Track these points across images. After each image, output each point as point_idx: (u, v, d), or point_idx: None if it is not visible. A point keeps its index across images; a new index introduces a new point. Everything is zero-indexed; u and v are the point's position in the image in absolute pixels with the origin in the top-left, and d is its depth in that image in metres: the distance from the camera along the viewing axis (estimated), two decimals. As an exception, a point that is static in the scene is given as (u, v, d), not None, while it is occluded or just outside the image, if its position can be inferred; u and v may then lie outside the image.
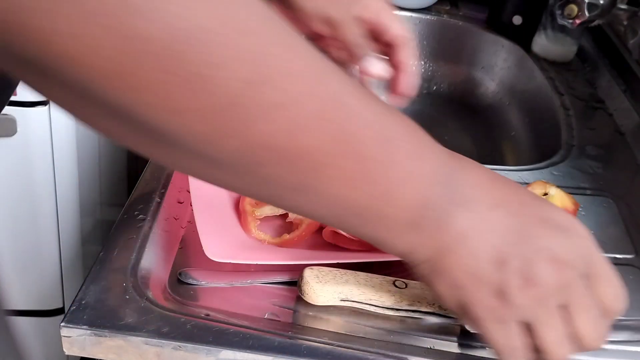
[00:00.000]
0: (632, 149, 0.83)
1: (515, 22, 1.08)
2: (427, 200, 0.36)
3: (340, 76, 0.33)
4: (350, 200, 0.34)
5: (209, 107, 0.28)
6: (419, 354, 0.49)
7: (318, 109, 0.31)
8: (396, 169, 0.35)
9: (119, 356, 0.48)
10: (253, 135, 0.30)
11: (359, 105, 0.33)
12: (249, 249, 0.54)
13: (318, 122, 0.31)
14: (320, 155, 0.32)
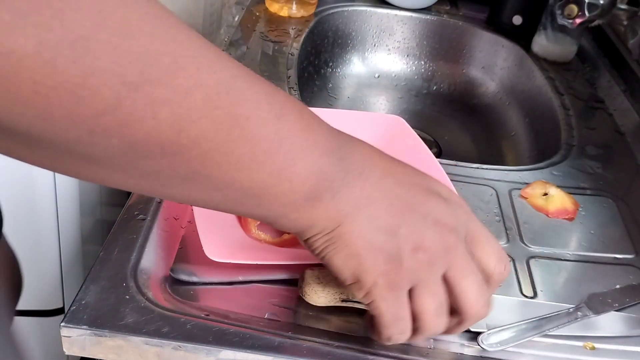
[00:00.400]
0: (632, 149, 0.83)
1: (515, 22, 1.08)
2: (322, 172, 0.36)
3: (229, 62, 0.33)
4: (244, 182, 0.34)
5: (84, 114, 0.27)
6: (419, 354, 0.50)
7: (205, 99, 0.30)
8: (289, 145, 0.34)
9: (119, 356, 0.48)
10: (136, 133, 0.29)
11: (248, 88, 0.33)
12: (249, 249, 0.54)
13: (206, 111, 0.31)
14: (210, 143, 0.31)
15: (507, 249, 0.62)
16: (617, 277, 0.60)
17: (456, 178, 0.70)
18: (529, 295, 0.57)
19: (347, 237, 0.38)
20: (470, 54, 1.12)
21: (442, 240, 0.39)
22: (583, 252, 0.63)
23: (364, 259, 0.38)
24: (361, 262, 0.38)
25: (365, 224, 0.37)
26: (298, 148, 0.35)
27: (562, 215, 0.67)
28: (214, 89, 0.31)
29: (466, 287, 0.40)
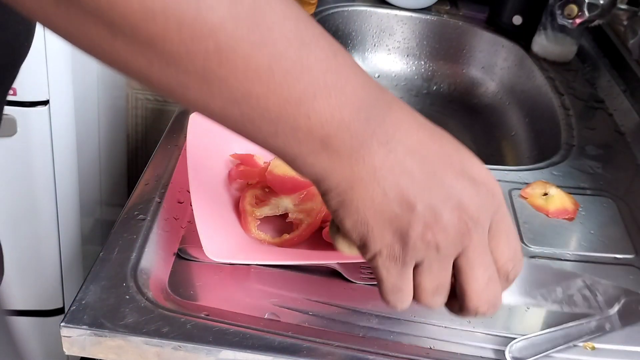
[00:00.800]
0: (632, 149, 0.83)
1: (515, 22, 1.08)
2: (344, 122, 0.34)
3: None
4: (261, 100, 0.33)
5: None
6: (419, 354, 0.50)
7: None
8: (311, 77, 0.33)
9: (119, 356, 0.48)
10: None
11: (280, 2, 0.32)
12: (249, 249, 0.54)
13: (226, 2, 0.30)
14: (226, 38, 0.30)
15: (507, 249, 0.62)
16: (617, 277, 0.60)
17: (456, 178, 0.70)
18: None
19: (358, 204, 0.36)
20: (470, 54, 1.12)
21: (457, 227, 0.37)
22: (583, 252, 0.63)
23: (371, 228, 0.37)
24: (369, 231, 0.37)
25: (380, 194, 0.36)
26: (321, 85, 0.33)
27: (562, 215, 0.67)
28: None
29: (471, 278, 0.39)
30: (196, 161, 0.60)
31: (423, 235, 0.37)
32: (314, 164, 0.36)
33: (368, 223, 0.37)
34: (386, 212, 0.36)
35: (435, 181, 0.37)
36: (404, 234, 0.37)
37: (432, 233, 0.37)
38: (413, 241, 0.37)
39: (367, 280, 0.55)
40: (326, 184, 0.37)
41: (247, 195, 0.59)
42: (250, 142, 0.36)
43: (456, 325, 0.52)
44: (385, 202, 0.36)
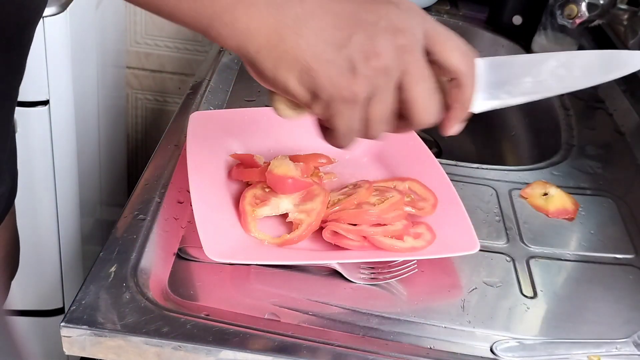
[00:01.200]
0: (632, 149, 0.83)
1: (515, 22, 1.08)
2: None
3: None
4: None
5: None
6: (419, 354, 0.50)
7: None
8: None
9: (119, 356, 0.48)
10: None
11: None
12: (249, 249, 0.54)
13: None
14: None
15: (507, 249, 0.62)
16: (617, 277, 0.60)
17: (456, 178, 0.70)
18: (529, 295, 0.57)
19: (295, 51, 0.36)
20: (470, 54, 1.12)
21: (395, 45, 0.37)
22: (583, 252, 0.63)
23: (316, 73, 0.36)
24: (315, 77, 0.37)
25: (312, 36, 0.36)
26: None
27: (562, 215, 0.67)
28: None
29: (417, 94, 0.39)
30: (196, 161, 0.60)
31: (367, 63, 0.37)
32: (233, 22, 0.35)
33: (311, 68, 0.36)
34: (324, 53, 0.36)
35: (358, 12, 0.37)
36: (350, 68, 0.37)
37: (376, 58, 0.37)
38: (361, 71, 0.37)
39: (367, 280, 0.55)
40: (255, 44, 0.36)
41: (247, 195, 0.59)
42: (166, 18, 0.36)
43: (456, 325, 0.53)
44: (319, 42, 0.36)
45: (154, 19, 1.27)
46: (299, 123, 0.70)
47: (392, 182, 0.64)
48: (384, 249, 0.55)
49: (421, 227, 0.58)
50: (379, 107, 0.39)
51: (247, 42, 0.36)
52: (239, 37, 0.36)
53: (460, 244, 0.56)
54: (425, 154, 0.67)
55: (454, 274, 0.57)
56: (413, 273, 0.56)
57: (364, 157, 0.70)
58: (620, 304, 0.57)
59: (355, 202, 0.58)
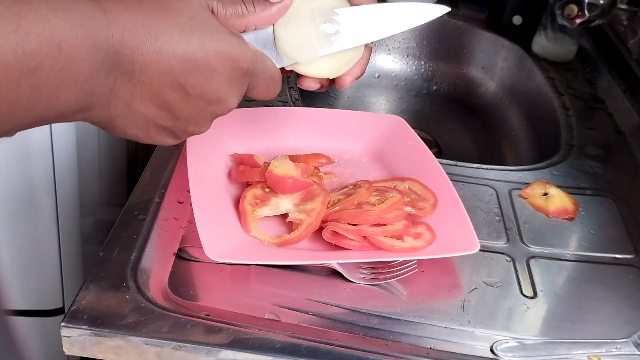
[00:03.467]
0: (632, 149, 0.83)
1: (515, 22, 1.08)
2: (89, 92, 0.38)
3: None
4: (18, 113, 0.36)
5: None
6: (419, 354, 0.50)
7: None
8: (49, 88, 0.36)
9: (119, 356, 0.48)
10: None
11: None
12: (249, 249, 0.54)
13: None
14: None
15: (507, 249, 0.62)
16: (617, 277, 0.60)
17: (456, 178, 0.70)
18: (529, 295, 0.57)
19: (123, 127, 0.42)
20: (470, 54, 1.12)
21: (216, 116, 0.46)
22: (583, 252, 0.63)
23: (140, 137, 0.44)
24: (139, 138, 0.44)
25: (140, 119, 0.42)
26: (59, 85, 0.36)
27: (562, 215, 0.67)
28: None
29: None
30: (196, 161, 0.60)
31: (189, 133, 0.46)
32: (72, 120, 0.40)
33: (137, 136, 0.43)
34: (152, 127, 0.43)
35: (186, 94, 0.42)
36: (174, 135, 0.45)
37: (197, 130, 0.46)
38: (181, 136, 0.46)
39: (367, 280, 0.55)
40: (88, 121, 0.41)
41: (247, 195, 0.59)
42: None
43: (456, 325, 0.53)
44: (147, 122, 0.43)
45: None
46: (299, 124, 0.71)
47: (392, 182, 0.64)
48: (384, 249, 0.55)
49: (421, 227, 0.58)
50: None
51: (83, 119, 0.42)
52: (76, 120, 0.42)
53: (460, 244, 0.56)
54: (425, 154, 0.67)
55: (454, 274, 0.57)
56: (413, 273, 0.56)
57: (364, 157, 0.70)
58: (620, 304, 0.57)
59: (355, 202, 0.58)
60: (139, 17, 0.39)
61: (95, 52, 0.37)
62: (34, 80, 0.35)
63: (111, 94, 0.40)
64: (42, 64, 0.35)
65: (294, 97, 0.83)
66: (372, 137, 0.71)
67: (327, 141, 0.70)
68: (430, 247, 0.56)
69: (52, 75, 0.36)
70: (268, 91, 0.47)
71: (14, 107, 0.35)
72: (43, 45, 0.35)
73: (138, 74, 0.40)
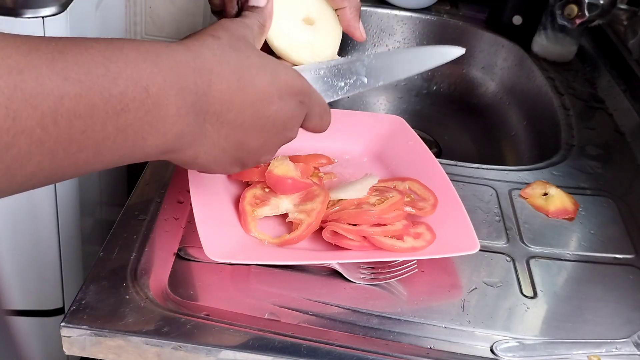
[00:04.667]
0: (632, 149, 0.83)
1: (515, 22, 1.08)
2: (178, 134, 0.40)
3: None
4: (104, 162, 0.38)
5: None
6: (419, 354, 0.50)
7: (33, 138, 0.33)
8: (134, 132, 0.37)
9: (119, 356, 0.48)
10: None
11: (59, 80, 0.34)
12: (249, 249, 0.54)
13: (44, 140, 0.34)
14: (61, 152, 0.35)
15: (507, 249, 0.62)
16: (617, 277, 0.60)
17: (456, 178, 0.70)
18: (529, 295, 0.57)
19: (201, 161, 0.44)
20: (470, 54, 1.12)
21: (283, 143, 0.48)
22: (583, 252, 0.63)
23: (212, 170, 0.46)
24: (210, 171, 0.46)
25: (220, 153, 0.44)
26: (146, 127, 0.37)
27: (562, 215, 0.67)
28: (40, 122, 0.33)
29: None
30: (196, 161, 0.60)
31: (258, 162, 0.48)
32: (156, 159, 0.42)
33: (211, 168, 0.45)
34: (226, 159, 0.45)
35: (262, 124, 0.44)
36: (243, 165, 0.47)
37: (264, 158, 0.48)
38: (250, 166, 0.48)
39: (367, 280, 0.55)
40: (172, 161, 0.43)
41: (247, 195, 0.59)
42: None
43: (456, 325, 0.53)
44: (225, 156, 0.45)
45: (154, 19, 1.27)
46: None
47: (392, 182, 0.64)
48: (384, 249, 0.55)
49: (421, 227, 0.58)
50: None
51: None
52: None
53: (460, 244, 0.56)
54: (425, 154, 0.67)
55: (454, 274, 0.57)
56: (413, 273, 0.56)
57: (364, 157, 0.70)
58: (620, 304, 0.57)
59: (355, 202, 0.58)
60: (223, 59, 0.41)
61: (184, 96, 0.39)
62: (119, 122, 0.36)
63: (201, 134, 0.41)
64: (129, 107, 0.36)
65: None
66: (372, 137, 0.71)
67: (327, 141, 0.70)
68: (430, 247, 0.56)
69: (138, 117, 0.37)
70: (322, 122, 0.50)
71: (100, 148, 0.36)
72: (130, 88, 0.36)
73: (225, 113, 0.42)
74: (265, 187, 0.60)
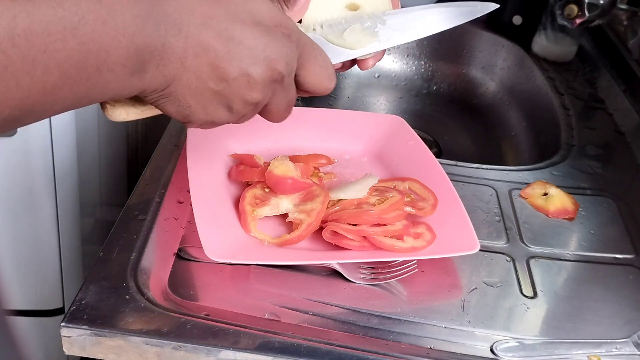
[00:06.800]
0: (632, 149, 0.83)
1: (515, 22, 1.08)
2: (140, 46, 0.37)
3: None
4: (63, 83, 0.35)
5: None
6: (419, 354, 0.50)
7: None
8: (91, 34, 0.35)
9: (119, 356, 0.48)
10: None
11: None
12: (249, 249, 0.54)
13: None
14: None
15: (507, 249, 0.62)
16: (617, 277, 0.60)
17: (456, 178, 0.70)
18: (529, 295, 0.57)
19: (178, 95, 0.40)
20: (470, 54, 1.12)
21: (269, 78, 0.41)
22: (583, 252, 0.63)
23: (194, 109, 0.41)
24: (192, 112, 0.41)
25: (193, 80, 0.39)
26: (106, 39, 0.35)
27: (562, 215, 0.67)
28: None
29: (275, 108, 0.44)
30: (196, 161, 0.60)
31: (244, 100, 0.42)
32: (130, 91, 0.39)
33: (191, 106, 0.41)
34: (205, 92, 0.40)
35: (235, 46, 0.40)
36: (228, 105, 0.42)
37: (249, 95, 0.41)
38: (236, 107, 0.42)
39: (367, 280, 0.55)
40: (143, 93, 0.40)
41: (247, 195, 0.59)
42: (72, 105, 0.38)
43: (456, 325, 0.53)
44: (200, 84, 0.40)
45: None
46: (299, 123, 0.71)
47: (392, 182, 0.64)
48: (384, 249, 0.55)
49: (421, 227, 0.58)
50: (243, 119, 0.44)
51: (138, 94, 0.40)
52: (132, 94, 0.40)
53: (460, 244, 0.56)
54: (425, 154, 0.67)
55: (454, 274, 0.57)
56: (413, 273, 0.56)
57: (364, 157, 0.70)
58: (620, 304, 0.57)
59: (355, 202, 0.58)
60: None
61: (138, 3, 0.37)
62: (79, 36, 0.34)
63: (164, 49, 0.38)
64: (85, 19, 0.34)
65: (294, 97, 0.83)
66: (372, 137, 0.71)
67: (327, 141, 0.70)
68: (430, 247, 0.56)
69: (96, 29, 0.35)
70: (324, 73, 0.45)
71: (66, 68, 0.35)
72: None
73: (186, 24, 0.38)
74: (265, 187, 0.60)
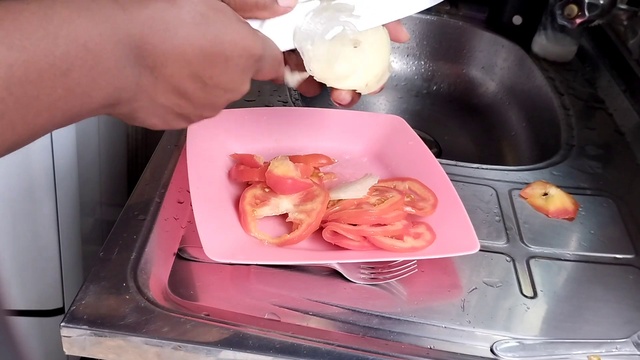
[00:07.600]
0: (632, 149, 0.83)
1: (515, 22, 1.08)
2: (119, 87, 0.39)
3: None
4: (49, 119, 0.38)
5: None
6: (419, 354, 0.50)
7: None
8: (78, 79, 0.37)
9: (119, 356, 0.48)
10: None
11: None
12: (249, 249, 0.54)
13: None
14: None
15: (507, 249, 0.62)
16: (617, 277, 0.60)
17: (456, 178, 0.70)
18: (529, 295, 0.57)
19: (142, 117, 0.43)
20: (470, 54, 1.12)
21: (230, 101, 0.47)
22: (583, 252, 0.63)
23: (155, 124, 0.45)
24: (152, 125, 0.45)
25: (160, 110, 0.43)
26: (91, 84, 0.37)
27: (562, 215, 0.67)
28: None
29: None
30: (196, 161, 0.60)
31: (204, 117, 0.47)
32: (99, 114, 0.41)
33: (154, 124, 0.44)
34: (169, 114, 0.44)
35: (204, 86, 0.44)
36: (189, 120, 0.46)
37: (210, 114, 0.47)
38: (196, 120, 0.46)
39: (367, 280, 0.55)
40: (110, 115, 0.43)
41: (247, 195, 0.59)
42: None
43: (456, 325, 0.53)
44: (166, 110, 0.44)
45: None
46: (299, 123, 0.71)
47: (392, 182, 0.64)
48: (384, 249, 0.55)
49: (421, 227, 0.58)
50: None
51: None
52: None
53: (460, 244, 0.56)
54: (425, 154, 0.67)
55: (454, 274, 0.57)
56: (413, 273, 0.56)
57: (364, 157, 0.70)
58: (620, 304, 0.57)
59: (355, 202, 0.58)
60: (156, 13, 0.40)
61: (120, 48, 0.38)
62: (68, 82, 0.36)
63: (137, 88, 0.41)
64: (73, 65, 0.36)
65: (294, 97, 0.83)
66: (372, 137, 0.71)
67: (327, 141, 0.70)
68: (430, 247, 0.56)
69: (83, 74, 0.37)
70: (276, 73, 0.49)
71: (53, 110, 0.37)
72: (71, 47, 0.36)
73: (159, 67, 0.41)
74: (265, 187, 0.60)
